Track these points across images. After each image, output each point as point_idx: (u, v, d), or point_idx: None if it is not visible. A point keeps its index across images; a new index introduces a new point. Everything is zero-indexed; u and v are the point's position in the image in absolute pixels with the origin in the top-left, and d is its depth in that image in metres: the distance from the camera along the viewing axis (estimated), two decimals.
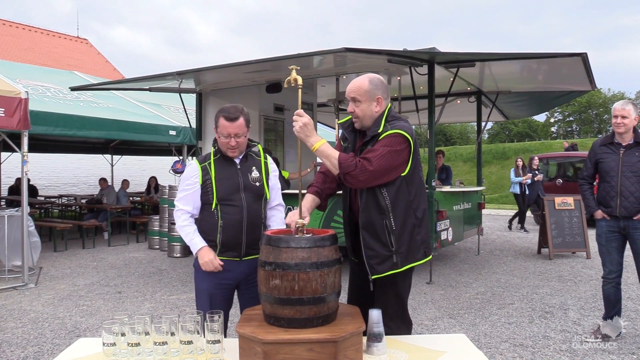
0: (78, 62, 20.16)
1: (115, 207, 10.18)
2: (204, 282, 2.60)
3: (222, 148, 2.58)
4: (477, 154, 9.05)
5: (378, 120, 2.32)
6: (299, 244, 1.89)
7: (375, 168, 2.16)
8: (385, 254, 2.27)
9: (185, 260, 7.83)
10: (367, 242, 2.29)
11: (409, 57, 5.92)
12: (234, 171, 2.58)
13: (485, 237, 10.24)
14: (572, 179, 12.64)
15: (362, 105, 2.33)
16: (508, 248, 8.99)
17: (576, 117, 51.28)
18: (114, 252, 8.68)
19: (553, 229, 7.96)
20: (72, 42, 22.42)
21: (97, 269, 7.14)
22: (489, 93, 8.26)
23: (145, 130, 9.02)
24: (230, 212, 2.52)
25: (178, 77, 7.04)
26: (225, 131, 2.50)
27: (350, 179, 2.18)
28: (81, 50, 22.11)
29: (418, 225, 2.33)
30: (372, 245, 2.28)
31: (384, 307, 2.21)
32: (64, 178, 16.61)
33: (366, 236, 2.29)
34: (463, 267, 7.22)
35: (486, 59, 6.02)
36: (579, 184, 4.19)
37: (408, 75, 6.39)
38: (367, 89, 2.32)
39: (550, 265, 7.32)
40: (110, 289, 5.96)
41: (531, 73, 7.10)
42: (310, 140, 2.18)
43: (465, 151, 29.75)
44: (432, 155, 6.36)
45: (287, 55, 5.71)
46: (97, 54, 23.09)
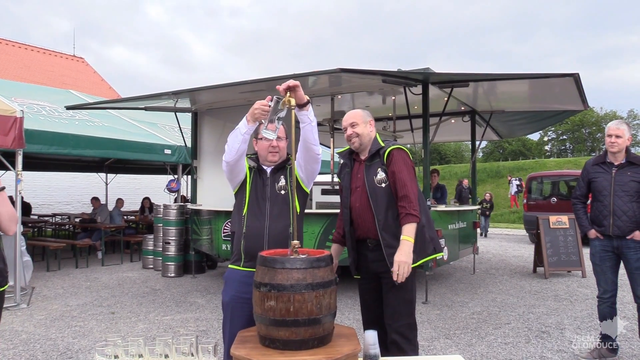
0: (74, 80, 20.24)
1: (109, 226, 10.13)
2: (227, 294, 2.58)
3: (262, 153, 2.64)
4: (472, 172, 9.11)
5: (375, 140, 2.84)
6: (294, 265, 1.90)
7: (416, 197, 2.66)
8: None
9: (180, 280, 7.77)
10: (387, 241, 2.67)
11: (403, 77, 5.99)
12: (264, 180, 2.64)
13: (481, 256, 10.24)
14: (566, 197, 12.72)
15: (360, 126, 2.82)
16: (504, 267, 8.99)
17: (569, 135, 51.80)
18: (107, 271, 8.61)
19: (548, 248, 7.98)
20: (68, 61, 22.54)
21: (90, 289, 7.07)
22: (483, 112, 8.35)
23: (140, 149, 9.03)
24: (254, 220, 2.55)
25: (174, 97, 7.09)
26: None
27: (416, 214, 2.64)
28: (77, 69, 22.22)
29: (425, 225, 2.73)
30: (391, 243, 2.65)
31: (394, 308, 2.66)
32: (58, 197, 16.53)
33: (386, 237, 2.68)
34: (459, 286, 7.20)
35: (480, 79, 6.11)
36: (572, 203, 4.22)
37: (403, 95, 6.46)
38: (362, 114, 2.87)
39: (545, 284, 7.32)
40: (104, 309, 5.89)
41: (524, 93, 7.19)
42: (410, 252, 2.56)
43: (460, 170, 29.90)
44: (427, 174, 6.40)
45: (282, 75, 5.77)
46: (93, 72, 23.20)
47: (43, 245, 9.25)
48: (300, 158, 2.63)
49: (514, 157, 45.39)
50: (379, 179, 2.74)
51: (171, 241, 8.18)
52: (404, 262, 2.52)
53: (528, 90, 6.92)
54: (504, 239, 14.04)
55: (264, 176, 2.66)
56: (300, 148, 2.58)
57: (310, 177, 2.69)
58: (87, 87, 20.07)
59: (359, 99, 7.86)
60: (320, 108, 7.92)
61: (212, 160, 8.28)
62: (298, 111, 2.43)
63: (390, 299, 2.69)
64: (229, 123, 8.17)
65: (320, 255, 2.00)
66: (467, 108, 8.07)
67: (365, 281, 2.88)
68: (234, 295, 2.53)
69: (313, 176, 2.70)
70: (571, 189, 13.01)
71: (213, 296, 6.58)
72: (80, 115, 9.71)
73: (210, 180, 8.28)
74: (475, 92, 7.00)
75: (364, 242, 2.82)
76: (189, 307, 5.97)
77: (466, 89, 6.36)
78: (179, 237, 8.22)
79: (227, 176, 2.67)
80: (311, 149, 2.54)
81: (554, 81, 5.79)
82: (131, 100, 7.72)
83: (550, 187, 13.77)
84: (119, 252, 10.12)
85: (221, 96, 7.47)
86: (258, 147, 2.68)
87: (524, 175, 22.32)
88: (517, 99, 7.53)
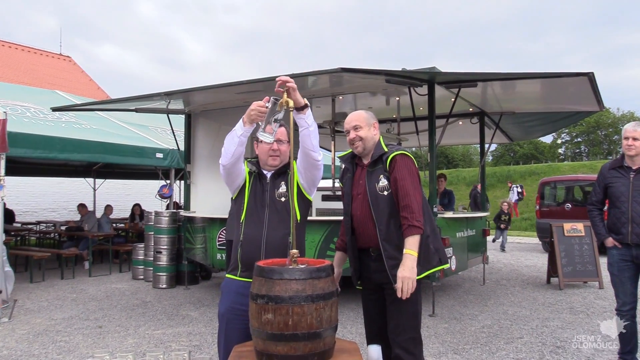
0: (60, 80, 20.29)
1: (97, 235, 10.12)
2: (222, 305, 2.59)
3: (262, 157, 2.67)
4: (481, 177, 9.10)
5: (379, 144, 2.85)
6: (292, 276, 1.90)
7: (419, 206, 2.65)
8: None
9: (172, 292, 7.76)
10: (389, 252, 2.67)
11: (407, 77, 6.01)
12: (263, 186, 2.65)
13: (491, 266, 10.22)
14: (582, 203, 12.71)
15: (364, 129, 2.83)
16: (515, 277, 8.97)
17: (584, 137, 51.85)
18: (95, 283, 8.60)
19: (563, 257, 7.97)
20: (54, 60, 22.61)
21: (76, 302, 7.06)
22: (492, 114, 8.36)
23: (130, 152, 9.04)
24: (251, 228, 2.56)
25: (166, 98, 7.10)
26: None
27: (419, 225, 2.64)
28: (64, 68, 22.29)
29: (430, 235, 2.73)
30: (393, 254, 2.66)
31: (398, 322, 2.67)
32: (43, 203, 16.53)
33: (387, 247, 2.68)
34: (468, 298, 7.18)
35: (489, 79, 6.11)
36: (587, 210, 4.21)
37: (407, 96, 6.47)
38: (366, 117, 2.88)
39: (560, 295, 7.30)
40: (91, 323, 5.88)
41: (536, 93, 7.20)
42: (413, 266, 2.57)
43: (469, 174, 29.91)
44: (434, 179, 6.39)
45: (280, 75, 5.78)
46: (81, 72, 23.27)
47: (26, 254, 9.24)
48: (299, 164, 2.64)
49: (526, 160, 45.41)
50: (381, 186, 2.74)
51: (163, 250, 8.17)
52: (408, 278, 2.52)
53: (540, 90, 6.93)
54: (515, 248, 14.02)
55: (263, 181, 2.66)
56: (299, 154, 2.59)
57: (311, 184, 2.69)
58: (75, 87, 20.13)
59: (361, 100, 7.87)
60: (321, 109, 7.94)
61: (206, 164, 8.28)
62: (296, 114, 2.44)
63: (393, 312, 2.69)
64: (224, 125, 8.18)
65: (320, 265, 2.00)
66: (475, 109, 8.09)
67: (368, 292, 2.88)
68: (230, 307, 2.52)
69: (314, 183, 2.70)
70: (586, 194, 13.00)
71: (207, 309, 6.56)
72: (66, 117, 9.74)
73: (205, 186, 8.29)
74: (484, 92, 7.01)
75: (366, 251, 2.82)
76: (181, 321, 5.95)
77: (474, 89, 6.37)
78: (171, 246, 8.21)
79: (225, 180, 2.68)
80: (309, 155, 2.55)
81: (567, 81, 5.80)
82: (121, 101, 7.73)
83: (564, 193, 13.76)
84: (108, 262, 10.10)
85: (216, 97, 7.49)
86: (258, 150, 2.69)
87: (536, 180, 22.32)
88: (528, 99, 7.53)
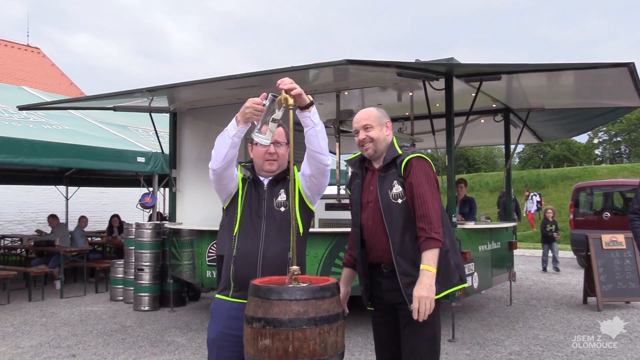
0: (27, 75, 20.40)
1: (69, 250, 10.13)
2: (212, 330, 2.59)
3: (258, 161, 2.68)
4: (506, 182, 9.10)
5: (392, 145, 2.85)
6: (293, 296, 1.91)
7: (438, 216, 2.64)
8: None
9: (155, 315, 7.76)
10: (403, 268, 2.67)
11: (422, 70, 6.03)
12: (260, 194, 2.65)
13: (519, 284, 10.20)
14: (622, 211, 12.68)
15: (375, 130, 2.83)
16: (547, 296, 8.95)
17: (625, 137, 51.76)
18: (67, 305, 8.61)
19: (601, 274, 7.94)
20: (20, 52, 22.73)
21: (46, 327, 7.07)
22: (518, 110, 8.37)
23: (108, 156, 9.07)
24: (247, 242, 2.57)
25: (148, 95, 7.14)
26: None
27: (438, 238, 2.63)
28: (32, 61, 22.41)
29: (450, 249, 2.73)
30: (408, 271, 2.65)
31: (413, 348, 2.65)
32: (7, 214, 16.55)
33: (401, 262, 2.67)
34: (493, 320, 7.17)
35: (514, 71, 6.13)
36: (629, 219, 4.21)
37: (421, 91, 6.49)
38: (377, 115, 2.88)
39: (599, 317, 7.27)
40: (63, 351, 5.88)
41: (568, 87, 7.21)
42: (432, 284, 2.56)
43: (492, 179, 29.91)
44: (452, 185, 6.40)
45: (278, 68, 5.82)
46: (51, 65, 23.40)
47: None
48: (304, 169, 2.64)
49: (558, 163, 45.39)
50: (394, 193, 2.73)
51: (145, 267, 8.18)
52: (425, 298, 2.50)
53: (573, 83, 6.94)
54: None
55: (260, 189, 2.67)
56: (305, 157, 2.59)
57: (316, 193, 2.70)
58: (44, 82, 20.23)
59: (370, 96, 7.90)
60: (324, 106, 7.96)
61: (194, 170, 8.31)
62: (300, 113, 2.44)
63: (408, 336, 2.69)
64: (214, 125, 8.21)
65: (324, 283, 2.01)
66: (499, 105, 8.10)
67: (380, 314, 2.88)
68: (221, 332, 2.53)
69: (319, 192, 2.71)
70: (628, 201, 12.96)
71: (196, 334, 6.56)
72: (35, 117, 9.79)
73: (193, 194, 8.31)
74: (509, 86, 7.02)
75: (377, 266, 2.82)
76: (166, 348, 5.96)
77: (498, 83, 6.38)
78: (154, 263, 8.22)
79: (215, 187, 2.69)
80: (317, 159, 2.55)
81: (604, 72, 5.81)
82: (97, 98, 7.77)
83: (602, 200, 13.73)
84: (82, 282, 10.11)
85: (205, 93, 7.52)
86: (253, 153, 2.70)
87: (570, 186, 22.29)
88: (559, 94, 7.54)
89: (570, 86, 7.15)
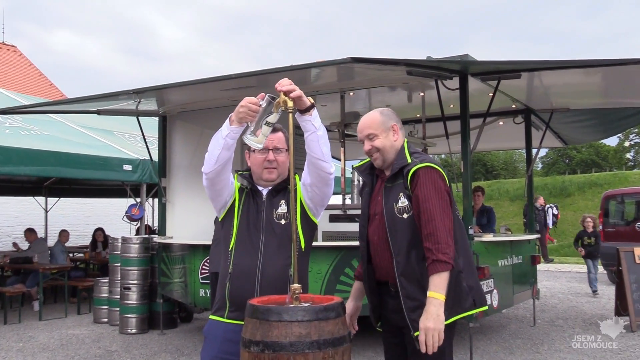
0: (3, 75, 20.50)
1: (49, 267, 10.14)
2: (207, 354, 2.60)
3: (256, 170, 2.69)
4: (528, 190, 9.08)
5: (401, 152, 2.78)
6: (294, 317, 1.92)
7: (447, 233, 2.56)
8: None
9: (143, 338, 7.75)
10: (407, 290, 2.61)
11: (434, 68, 6.05)
12: (258, 205, 2.66)
13: (543, 302, 10.17)
14: None
15: (380, 138, 2.78)
16: (574, 316, 8.91)
17: None
18: (47, 328, 8.61)
19: (634, 290, 7.90)
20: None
21: (23, 352, 7.07)
22: (540, 111, 8.38)
23: (91, 164, 9.09)
24: (244, 257, 2.57)
25: (135, 97, 7.16)
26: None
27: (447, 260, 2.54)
28: (7, 61, 22.51)
29: (463, 268, 2.66)
30: (413, 294, 2.60)
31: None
32: None
33: (405, 284, 2.62)
34: (515, 342, 7.14)
35: (536, 68, 6.14)
36: None
37: (434, 91, 6.50)
38: (381, 120, 2.81)
39: (632, 339, 7.24)
40: None
41: (596, 85, 7.22)
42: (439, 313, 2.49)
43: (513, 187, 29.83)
44: (468, 193, 6.40)
45: (277, 67, 5.84)
46: (29, 65, 23.51)
47: None
48: (305, 178, 2.65)
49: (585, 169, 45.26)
50: (400, 207, 2.68)
51: (132, 286, 8.18)
52: (432, 330, 2.44)
53: (600, 81, 6.94)
54: (573, 278, 13.93)
55: (258, 199, 2.67)
56: (305, 165, 2.60)
57: (319, 204, 2.70)
58: (21, 83, 20.33)
59: (377, 97, 7.92)
60: (327, 108, 7.98)
61: (186, 178, 8.32)
62: (299, 116, 2.45)
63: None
64: (207, 130, 8.23)
65: (328, 303, 2.01)
66: (519, 106, 8.11)
67: (390, 335, 2.87)
68: (216, 357, 2.54)
69: (323, 202, 2.70)
70: None
71: (188, 359, 6.55)
72: (11, 121, 9.82)
73: (184, 205, 8.32)
74: (530, 84, 7.03)
75: (385, 284, 2.81)
76: None
77: (518, 81, 6.39)
78: (142, 281, 8.22)
79: (209, 194, 2.69)
80: (319, 166, 2.55)
81: (634, 69, 5.82)
82: (79, 101, 7.80)
83: (634, 209, 13.69)
84: (63, 302, 10.11)
85: (198, 95, 7.55)
86: (251, 161, 2.71)
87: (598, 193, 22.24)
88: (585, 93, 7.54)
89: (597, 84, 7.15)
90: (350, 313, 2.90)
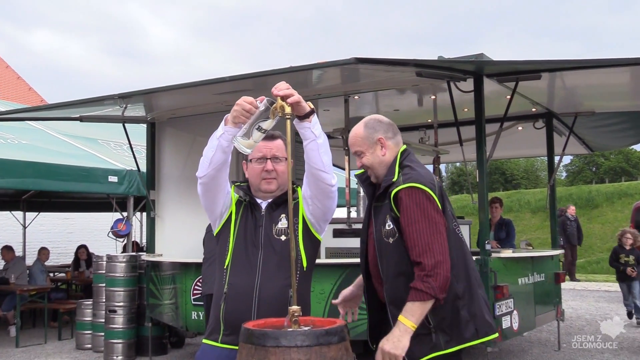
0: None
1: (27, 289, 10.13)
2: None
3: (254, 180, 2.69)
4: (551, 201, 9.06)
5: (391, 167, 2.76)
6: (293, 342, 1.92)
7: (437, 257, 2.50)
8: (421, 332, 2.54)
9: None
10: (397, 318, 2.54)
11: (446, 69, 6.05)
12: (257, 219, 2.66)
13: (568, 324, 10.12)
14: None
15: (366, 155, 2.81)
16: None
17: None
18: (24, 355, 8.59)
19: None
20: None
21: None
22: (563, 115, 8.37)
23: (73, 176, 9.10)
24: (240, 276, 2.57)
25: (121, 102, 7.18)
26: (260, 152, 2.61)
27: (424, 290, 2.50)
28: None
29: (462, 294, 2.63)
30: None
31: None
32: None
33: (395, 312, 2.58)
34: None
35: (557, 68, 6.15)
36: None
37: (446, 93, 6.50)
38: (364, 135, 2.81)
39: None
40: None
41: (623, 86, 7.21)
42: (402, 339, 2.48)
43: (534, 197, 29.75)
44: (485, 205, 6.38)
45: (275, 69, 5.85)
46: (6, 67, 23.63)
47: None
48: (304, 190, 2.64)
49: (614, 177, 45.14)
50: (386, 230, 2.69)
51: (118, 309, 8.17)
52: (387, 353, 2.47)
53: (629, 81, 6.94)
54: (602, 298, 13.87)
55: (257, 213, 2.67)
56: (305, 176, 2.61)
57: (321, 218, 2.69)
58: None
59: (385, 101, 7.92)
60: (330, 113, 8.00)
61: (176, 190, 8.31)
62: (298, 123, 2.46)
63: None
64: (199, 137, 8.23)
65: (330, 326, 2.01)
66: (540, 109, 8.10)
67: None
68: None
69: (325, 216, 2.70)
70: None
71: None
72: None
73: (175, 220, 8.31)
74: (552, 86, 7.03)
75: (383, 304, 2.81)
76: None
77: (538, 83, 6.39)
78: (129, 303, 8.21)
79: (203, 203, 2.69)
80: (318, 177, 2.55)
81: None
82: (61, 107, 7.82)
83: None
84: (42, 327, 10.10)
85: (189, 100, 7.57)
86: (249, 172, 2.70)
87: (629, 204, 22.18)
88: (612, 94, 7.54)
89: (626, 85, 7.14)
90: (345, 294, 2.98)
